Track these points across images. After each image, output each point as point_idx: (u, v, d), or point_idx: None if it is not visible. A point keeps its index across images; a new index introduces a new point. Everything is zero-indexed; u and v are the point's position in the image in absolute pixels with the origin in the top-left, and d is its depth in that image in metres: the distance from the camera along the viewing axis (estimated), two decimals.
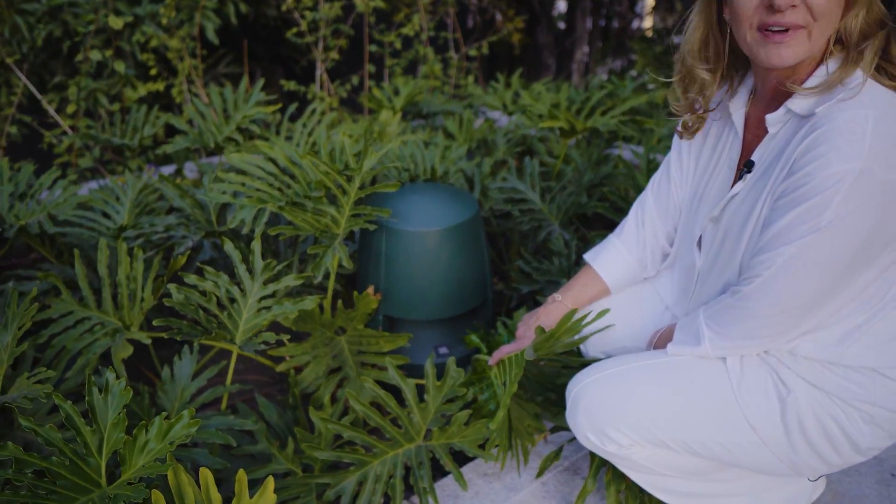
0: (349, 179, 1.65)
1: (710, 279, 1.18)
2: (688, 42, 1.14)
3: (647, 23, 8.00)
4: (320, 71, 3.54)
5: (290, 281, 1.51)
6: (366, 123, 2.76)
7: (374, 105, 2.98)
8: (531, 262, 2.02)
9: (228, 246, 1.51)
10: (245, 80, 2.38)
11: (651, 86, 3.47)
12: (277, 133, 2.51)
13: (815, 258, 0.95)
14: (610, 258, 1.38)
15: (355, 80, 3.62)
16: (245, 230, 1.60)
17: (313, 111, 2.35)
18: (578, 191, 2.17)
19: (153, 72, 3.50)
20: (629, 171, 2.25)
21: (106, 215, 2.20)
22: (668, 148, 1.76)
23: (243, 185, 1.74)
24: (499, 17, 5.26)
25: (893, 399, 1.06)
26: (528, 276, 2.02)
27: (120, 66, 2.80)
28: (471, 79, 3.84)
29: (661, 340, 1.25)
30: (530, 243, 2.12)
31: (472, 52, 3.93)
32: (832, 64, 1.00)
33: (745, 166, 1.11)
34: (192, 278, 1.47)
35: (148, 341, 1.49)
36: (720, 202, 1.15)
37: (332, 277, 1.65)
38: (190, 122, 3.18)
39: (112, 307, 1.60)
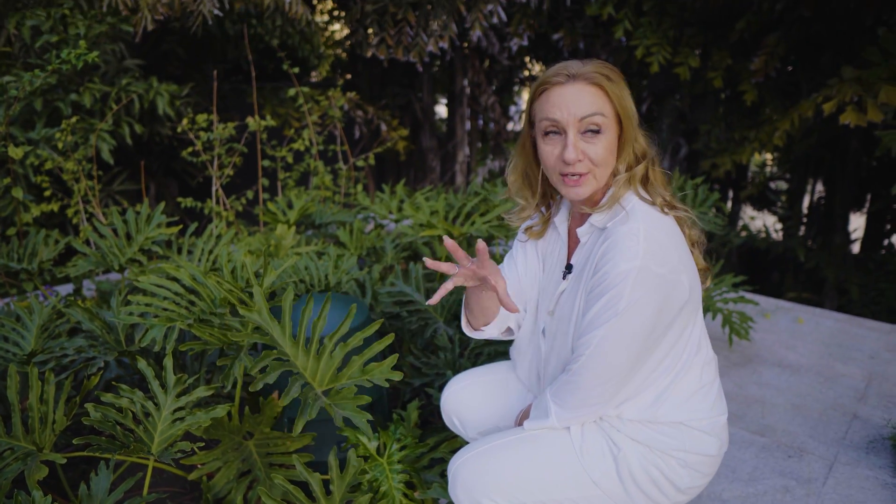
0: (251, 295, 1.85)
1: (553, 361, 1.46)
2: (510, 176, 1.49)
3: (521, 125, 8.76)
4: (216, 187, 3.74)
5: (202, 392, 1.67)
6: (262, 237, 2.97)
7: (269, 219, 3.20)
8: (420, 357, 2.26)
9: (142, 364, 1.66)
10: (146, 203, 2.55)
11: None
12: (179, 251, 2.67)
13: (619, 337, 1.24)
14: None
15: (250, 194, 3.84)
16: (156, 348, 1.75)
17: (211, 233, 2.54)
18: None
19: (47, 193, 3.57)
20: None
21: (5, 338, 2.26)
22: None
23: (150, 305, 1.90)
24: (384, 127, 5.69)
25: (699, 444, 1.36)
26: (419, 371, 2.26)
27: (18, 193, 2.88)
28: (359, 187, 4.15)
29: (522, 418, 1.52)
30: (419, 340, 2.37)
31: (360, 163, 4.26)
32: (612, 189, 1.33)
33: (567, 269, 1.43)
34: (108, 396, 1.60)
35: (63, 461, 1.59)
36: (553, 298, 1.46)
37: (239, 386, 1.82)
38: (88, 241, 3.26)
39: (22, 431, 1.68)
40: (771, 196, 6.59)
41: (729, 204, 7.09)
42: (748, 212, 7.80)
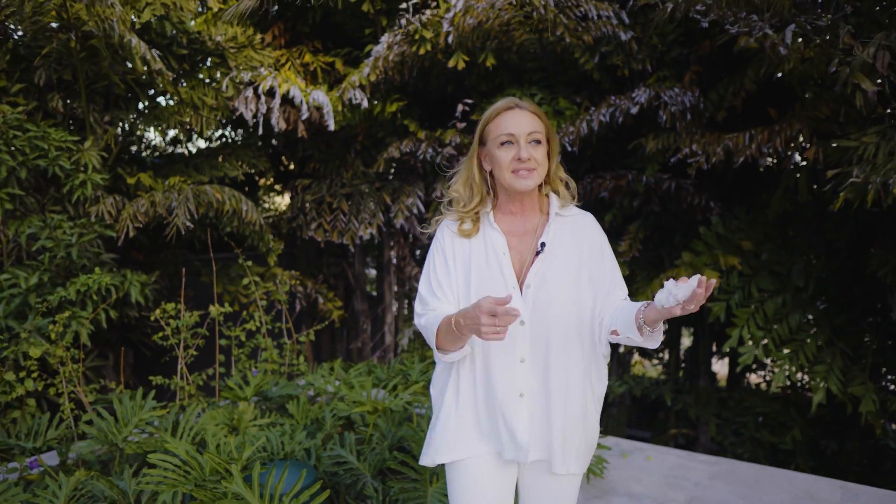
0: (233, 463, 2.64)
1: (536, 325, 1.85)
2: (455, 184, 1.98)
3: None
4: (181, 365, 4.51)
5: None
6: (226, 411, 3.73)
7: (229, 395, 3.98)
8: None
9: None
10: (140, 391, 3.31)
11: None
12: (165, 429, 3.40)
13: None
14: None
15: (210, 371, 4.60)
16: None
17: (189, 412, 3.31)
18: (382, 450, 3.29)
19: (34, 375, 4.24)
20: (423, 428, 3.43)
21: None
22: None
23: (162, 476, 2.65)
24: (321, 300, 6.62)
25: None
26: None
27: (25, 390, 3.57)
28: (301, 358, 4.98)
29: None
30: (352, 491, 3.15)
31: (302, 339, 5.12)
32: (553, 194, 1.96)
33: (541, 247, 1.88)
34: None
35: None
36: (531, 274, 1.86)
37: None
38: (76, 419, 3.91)
39: None
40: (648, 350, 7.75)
41: (621, 349, 8.21)
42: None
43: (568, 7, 5.32)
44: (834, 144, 4.51)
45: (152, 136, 6.73)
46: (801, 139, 4.83)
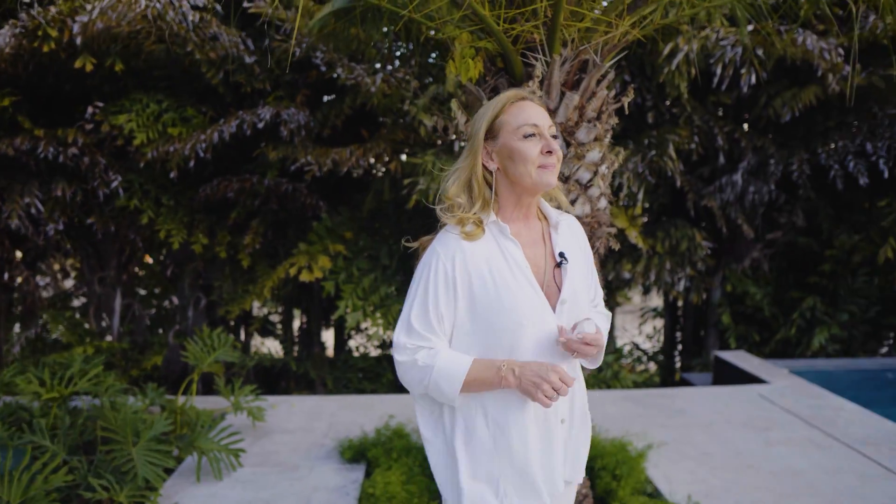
0: None
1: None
2: (451, 186, 1.69)
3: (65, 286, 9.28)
4: None
5: None
6: None
7: None
8: None
9: None
10: None
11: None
12: None
13: None
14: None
15: None
16: None
17: None
18: (75, 431, 3.68)
19: None
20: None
21: None
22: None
23: None
24: None
25: None
26: None
27: None
28: None
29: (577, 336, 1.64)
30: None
31: None
32: (540, 197, 1.76)
33: (560, 257, 1.71)
34: None
35: None
36: (566, 289, 1.69)
37: None
38: None
39: None
40: (269, 327, 8.89)
41: (242, 336, 9.12)
42: (258, 339, 9.99)
43: (200, 27, 5.99)
44: (405, 160, 6.26)
45: None
46: (385, 156, 6.49)
